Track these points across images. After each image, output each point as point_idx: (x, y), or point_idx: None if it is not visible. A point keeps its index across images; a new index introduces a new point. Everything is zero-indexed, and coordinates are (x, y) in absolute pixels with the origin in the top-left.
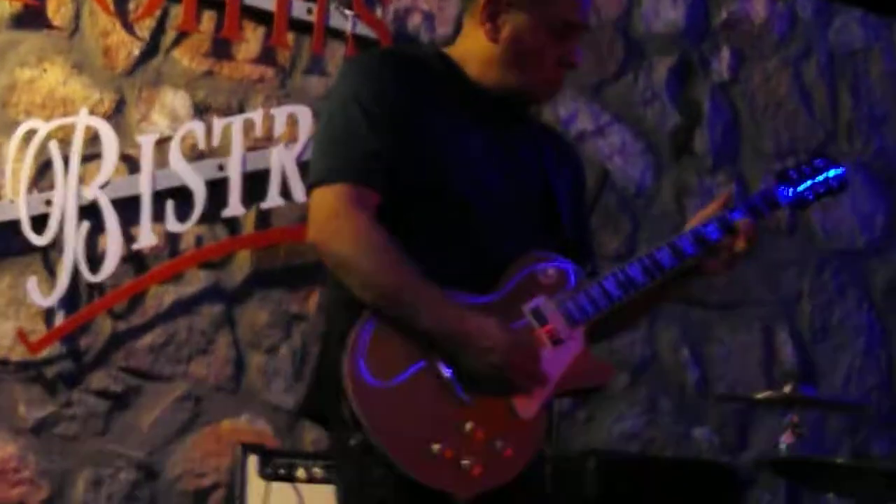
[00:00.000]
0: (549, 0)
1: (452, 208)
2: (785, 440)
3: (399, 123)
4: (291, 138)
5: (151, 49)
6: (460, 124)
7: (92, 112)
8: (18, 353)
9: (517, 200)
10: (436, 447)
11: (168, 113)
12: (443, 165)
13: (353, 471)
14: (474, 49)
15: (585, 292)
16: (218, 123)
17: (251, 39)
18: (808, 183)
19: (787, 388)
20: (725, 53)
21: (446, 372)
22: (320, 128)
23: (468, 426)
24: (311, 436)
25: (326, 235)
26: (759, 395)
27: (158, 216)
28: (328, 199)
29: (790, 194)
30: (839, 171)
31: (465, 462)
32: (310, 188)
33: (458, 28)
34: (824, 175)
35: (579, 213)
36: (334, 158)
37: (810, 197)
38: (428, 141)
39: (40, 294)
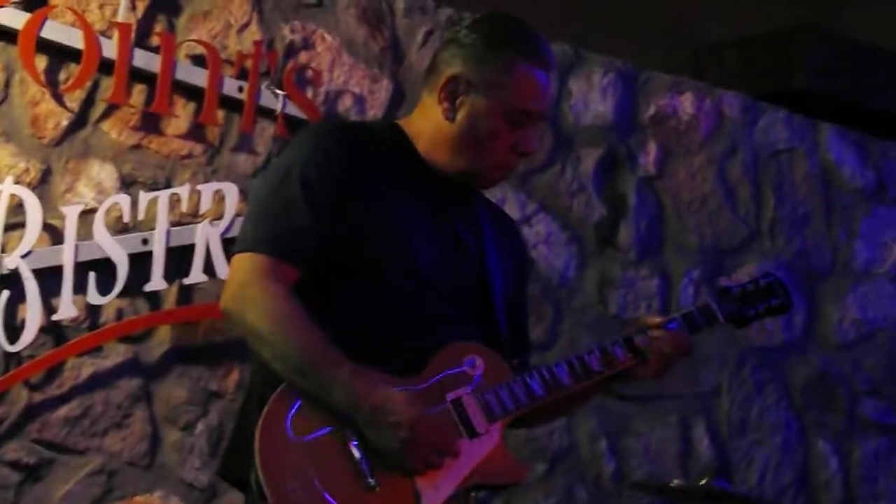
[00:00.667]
0: (510, 87)
1: (383, 291)
2: None
3: (337, 203)
4: (217, 215)
5: (80, 120)
6: (402, 206)
7: (17, 181)
8: None
9: (452, 288)
10: None
11: (94, 185)
12: (378, 248)
13: None
14: (429, 126)
15: (508, 388)
16: (144, 197)
17: (181, 115)
18: (750, 302)
19: (702, 482)
20: (652, 148)
21: (358, 455)
22: (256, 194)
23: None
24: None
25: (238, 303)
26: (674, 483)
27: (80, 288)
28: (245, 267)
29: (730, 311)
30: (784, 292)
31: None
32: (233, 253)
33: (389, 111)
34: (767, 293)
35: (517, 301)
36: (261, 228)
37: (750, 314)
38: (366, 223)
39: None
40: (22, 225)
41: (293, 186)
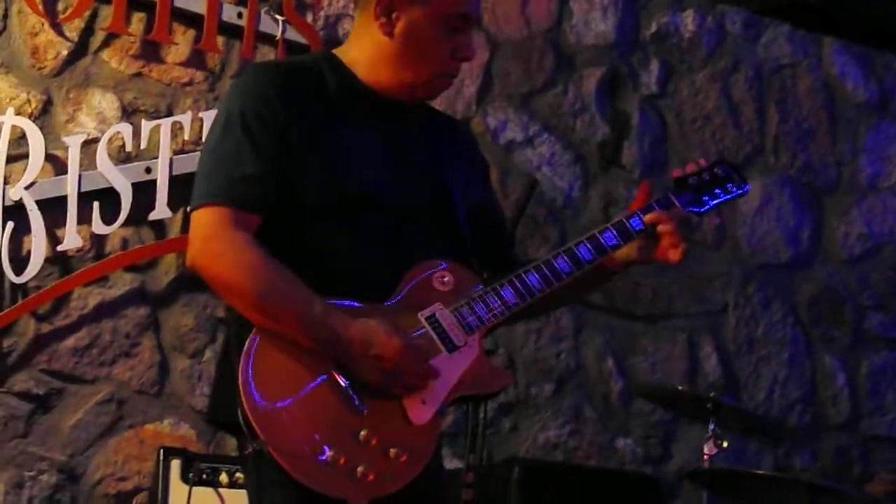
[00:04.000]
0: None
1: (345, 218)
2: (708, 451)
3: (283, 143)
4: None
5: (80, 50)
6: (351, 136)
7: (18, 112)
8: None
9: (412, 206)
10: (329, 454)
11: (96, 114)
12: (334, 176)
13: (252, 478)
14: (367, 47)
15: (482, 298)
16: (146, 126)
17: (181, 42)
18: (706, 187)
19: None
20: (654, 66)
21: (343, 382)
22: (204, 147)
23: (363, 434)
24: (235, 441)
25: (205, 258)
26: (681, 388)
27: (84, 218)
28: (205, 221)
29: (688, 199)
30: (739, 178)
31: (359, 469)
32: (191, 211)
33: None
34: (723, 179)
35: (486, 204)
36: (214, 182)
37: (707, 199)
38: (318, 153)
39: None
40: (25, 156)
41: (236, 134)
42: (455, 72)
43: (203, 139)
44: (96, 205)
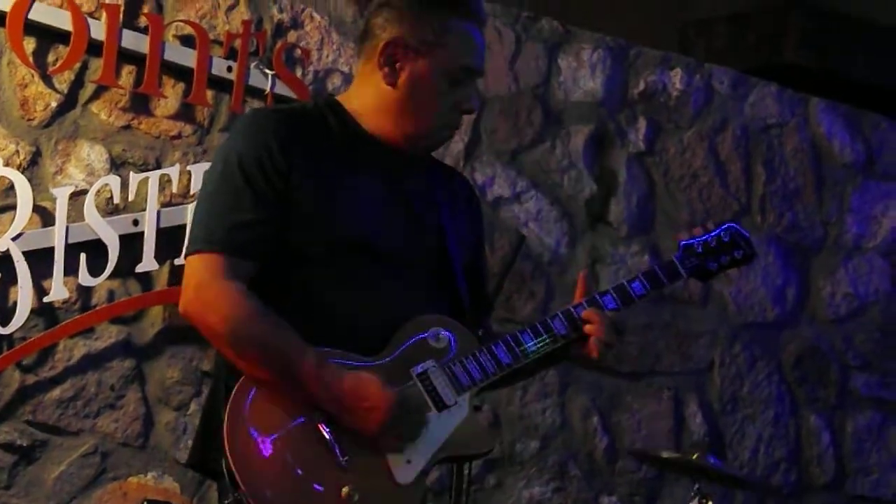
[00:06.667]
0: (448, 46)
1: (344, 265)
2: None
3: (283, 190)
4: None
5: (69, 102)
6: (353, 179)
7: (7, 163)
8: None
9: (411, 256)
10: None
11: (84, 166)
12: (335, 223)
13: None
14: (371, 96)
15: (475, 357)
16: (134, 178)
17: (170, 95)
18: (712, 254)
19: (693, 457)
20: (642, 124)
21: (328, 435)
22: (201, 192)
23: (345, 490)
24: (218, 495)
25: (197, 307)
26: (666, 455)
27: (71, 269)
28: (199, 268)
29: (693, 266)
30: (746, 243)
31: None
32: (185, 256)
33: None
34: (729, 246)
35: (476, 263)
36: (210, 228)
37: (713, 267)
38: (319, 200)
39: None
40: (12, 207)
41: (234, 180)
42: (457, 124)
43: (191, 192)
44: (83, 256)
